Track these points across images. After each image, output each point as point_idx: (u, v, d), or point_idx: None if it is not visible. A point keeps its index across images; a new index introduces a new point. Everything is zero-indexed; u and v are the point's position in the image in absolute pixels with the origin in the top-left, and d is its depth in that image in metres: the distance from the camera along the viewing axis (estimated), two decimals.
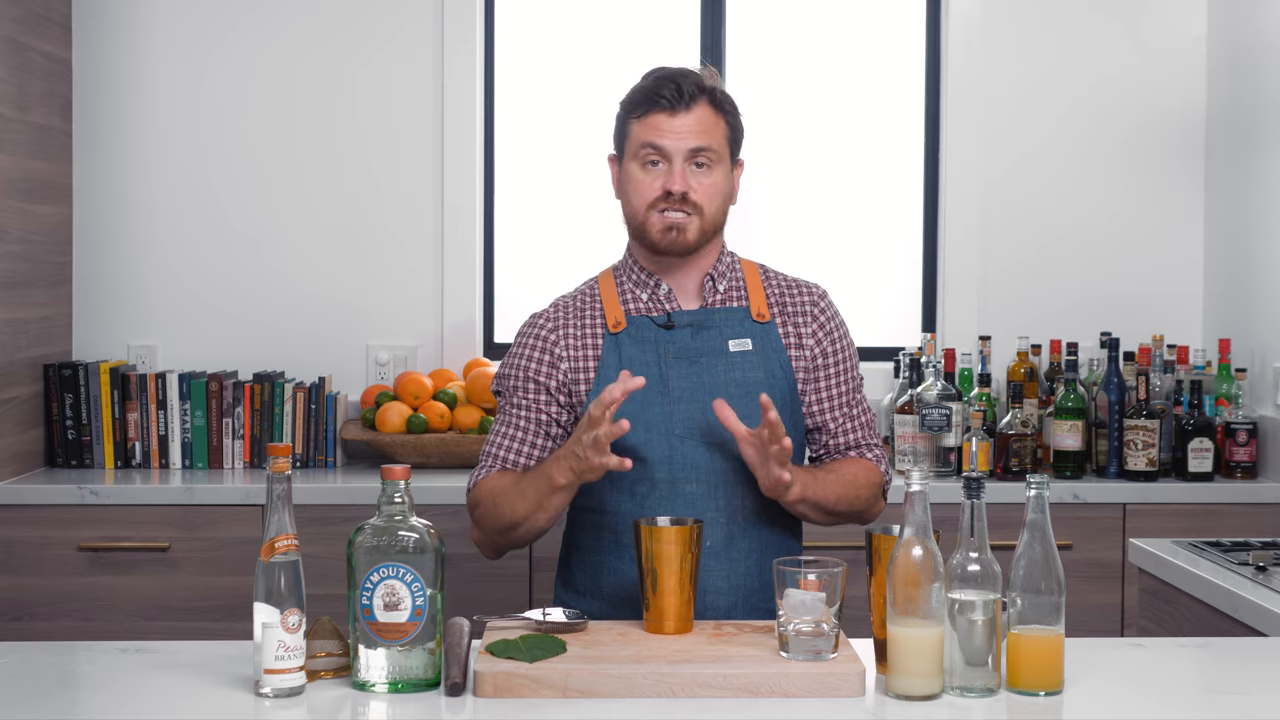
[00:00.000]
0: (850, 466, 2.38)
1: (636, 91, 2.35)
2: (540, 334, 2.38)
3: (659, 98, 2.30)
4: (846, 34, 4.14)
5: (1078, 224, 4.05)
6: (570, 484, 2.21)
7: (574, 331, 2.37)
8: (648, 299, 2.38)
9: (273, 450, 1.81)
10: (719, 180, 2.33)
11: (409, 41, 3.96)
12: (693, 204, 2.30)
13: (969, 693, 1.80)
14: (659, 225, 2.31)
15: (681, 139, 2.29)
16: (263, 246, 3.95)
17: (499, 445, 2.37)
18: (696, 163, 2.31)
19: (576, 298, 2.42)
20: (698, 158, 2.30)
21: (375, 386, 3.83)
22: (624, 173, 2.36)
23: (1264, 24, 3.73)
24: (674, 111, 2.30)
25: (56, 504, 3.41)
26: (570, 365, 2.35)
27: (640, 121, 2.32)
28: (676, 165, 2.29)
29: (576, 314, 2.39)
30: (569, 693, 1.80)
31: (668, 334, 2.34)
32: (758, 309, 2.38)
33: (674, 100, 2.29)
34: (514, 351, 2.40)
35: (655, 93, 2.31)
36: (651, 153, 2.30)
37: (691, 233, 2.31)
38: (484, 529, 2.34)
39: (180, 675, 1.89)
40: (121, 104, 3.91)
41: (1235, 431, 3.64)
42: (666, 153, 2.30)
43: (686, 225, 2.30)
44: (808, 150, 4.11)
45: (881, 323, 4.12)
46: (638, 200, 2.32)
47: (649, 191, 2.31)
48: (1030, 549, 1.82)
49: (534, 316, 2.42)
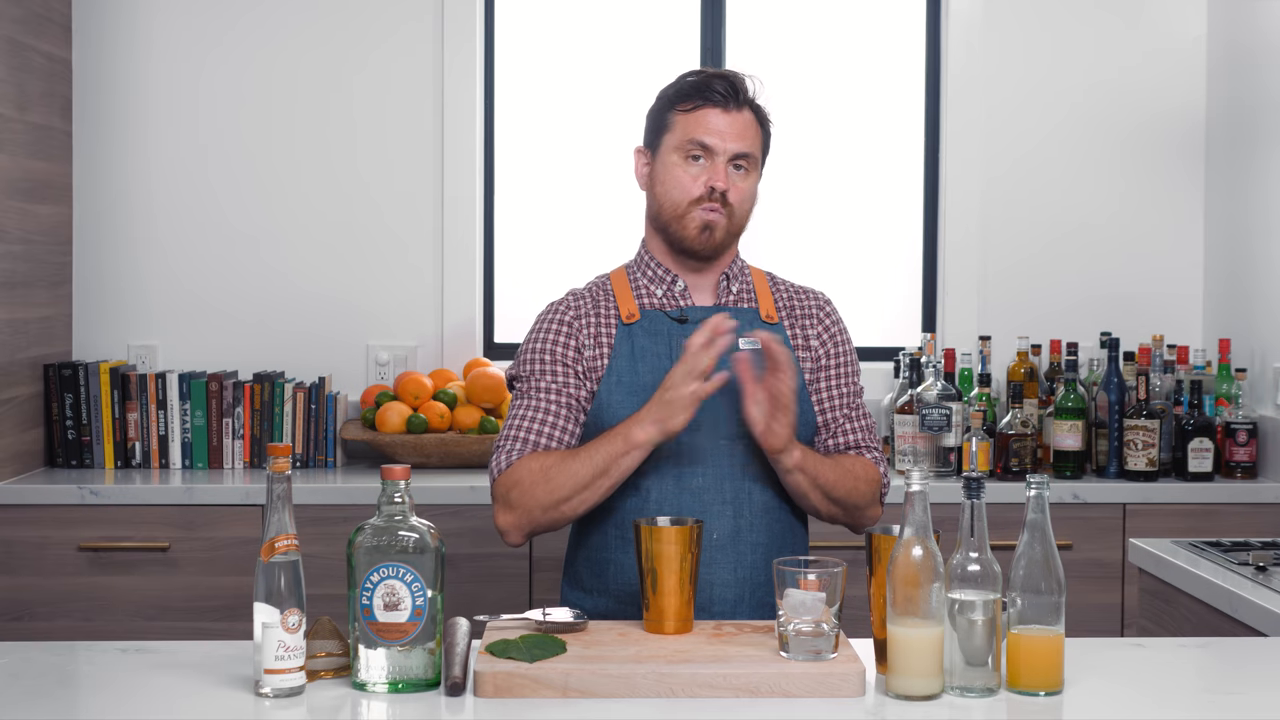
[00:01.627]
0: (849, 460, 2.39)
1: (685, 85, 2.35)
2: (564, 318, 2.37)
3: (712, 93, 2.31)
4: (846, 34, 4.14)
5: (1078, 224, 4.05)
6: (649, 441, 2.19)
7: (591, 320, 2.37)
8: (662, 294, 2.39)
9: (273, 450, 1.81)
10: (752, 186, 2.36)
11: (408, 40, 3.96)
12: (729, 204, 2.32)
13: (969, 693, 1.80)
14: (698, 221, 2.31)
15: (729, 139, 2.31)
16: (263, 246, 3.95)
17: (525, 428, 2.31)
18: (736, 165, 2.32)
19: (590, 290, 2.42)
20: (739, 161, 2.32)
21: (375, 386, 3.83)
22: (661, 164, 2.35)
23: (1264, 24, 3.73)
24: (726, 109, 2.31)
25: (56, 504, 3.41)
26: (589, 352, 2.35)
27: (688, 115, 2.32)
28: (720, 163, 2.31)
29: (591, 304, 2.39)
30: (569, 693, 1.80)
31: (680, 328, 2.35)
32: (766, 311, 2.40)
33: (727, 97, 2.31)
34: (535, 336, 2.38)
35: (708, 87, 2.32)
36: (696, 148, 2.31)
37: (720, 232, 2.33)
38: (524, 507, 2.26)
39: (180, 675, 1.88)
40: (121, 104, 3.91)
41: (1235, 431, 3.64)
42: (713, 150, 2.31)
43: (718, 224, 2.32)
44: (808, 150, 4.10)
45: (881, 323, 4.12)
46: (679, 193, 2.33)
47: (693, 187, 2.32)
48: (1030, 549, 1.82)
49: (553, 304, 2.42)
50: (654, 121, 2.38)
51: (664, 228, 2.36)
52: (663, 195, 2.35)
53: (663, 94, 2.39)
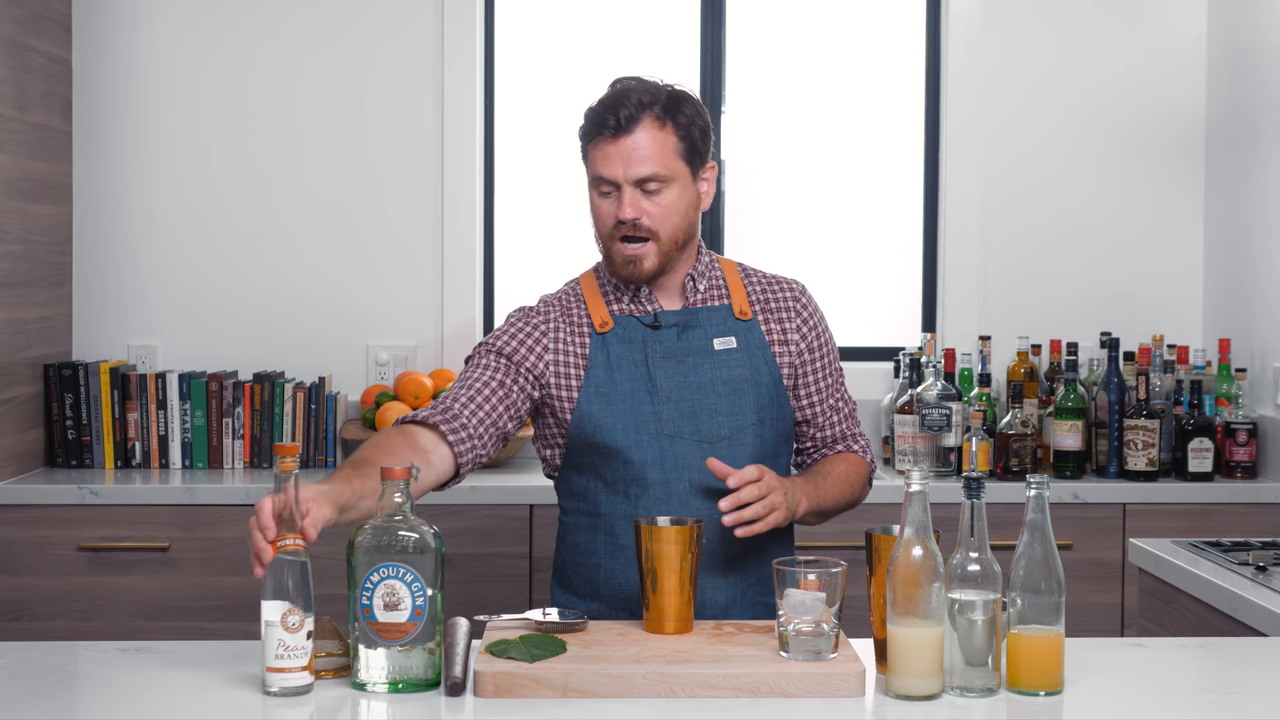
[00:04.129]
0: (841, 465, 2.40)
1: (586, 116, 2.34)
2: (532, 322, 2.37)
3: (604, 126, 2.29)
4: (846, 33, 4.14)
5: (1078, 223, 4.05)
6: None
7: (564, 329, 2.37)
8: (629, 300, 2.38)
9: (280, 450, 1.82)
10: (673, 200, 2.31)
11: (409, 40, 3.96)
12: (647, 229, 2.30)
13: (969, 693, 1.80)
14: (619, 256, 2.32)
15: (625, 167, 2.28)
16: (263, 246, 3.95)
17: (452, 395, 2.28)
18: (645, 190, 2.30)
19: (562, 298, 2.42)
20: (646, 184, 2.29)
21: (375, 386, 3.83)
22: (589, 198, 2.37)
23: (1264, 24, 3.73)
24: (615, 138, 2.28)
25: (56, 504, 3.41)
26: (558, 362, 2.34)
27: (592, 149, 2.32)
28: (626, 194, 2.29)
29: (564, 312, 2.39)
30: (569, 693, 1.80)
31: (654, 334, 2.35)
32: (739, 307, 2.39)
33: (615, 128, 2.28)
34: (501, 330, 2.38)
35: (599, 119, 2.30)
36: (603, 183, 2.31)
37: (649, 261, 2.31)
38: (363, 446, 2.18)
39: (180, 675, 1.89)
40: (121, 104, 3.91)
41: (1235, 431, 3.64)
42: (614, 182, 2.30)
43: (643, 255, 2.31)
44: (808, 150, 4.11)
45: (881, 323, 4.12)
46: (600, 228, 2.35)
47: (606, 221, 2.32)
48: (1030, 549, 1.82)
49: (525, 308, 2.42)
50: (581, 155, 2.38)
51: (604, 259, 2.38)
52: (594, 228, 2.37)
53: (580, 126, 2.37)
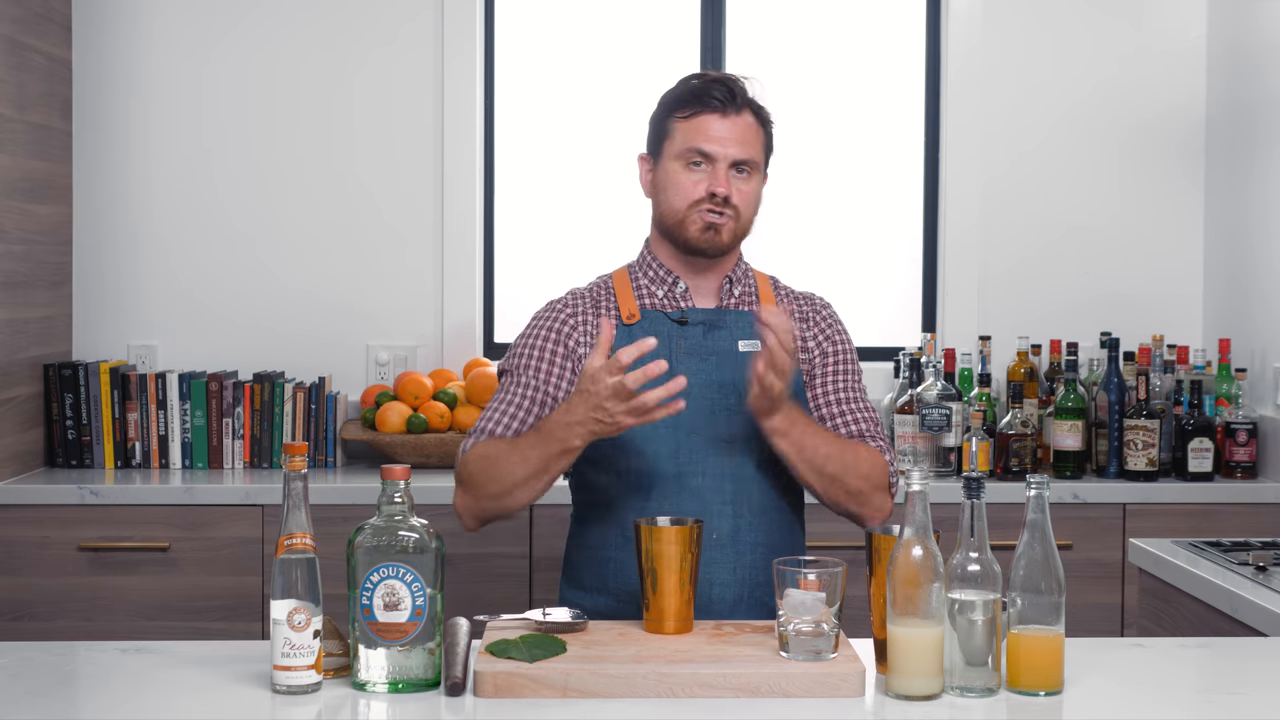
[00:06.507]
0: (851, 441, 2.35)
1: (683, 91, 2.35)
2: (560, 317, 2.39)
3: (710, 99, 2.31)
4: (846, 34, 4.14)
5: (1078, 223, 4.05)
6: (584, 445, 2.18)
7: (591, 320, 2.38)
8: (663, 295, 2.39)
9: (289, 449, 1.83)
10: (755, 189, 2.36)
11: (409, 40, 3.96)
12: (733, 207, 2.32)
13: (969, 693, 1.80)
14: (699, 222, 2.32)
15: (728, 146, 2.31)
16: (263, 246, 3.95)
17: (495, 419, 2.32)
18: (737, 169, 2.33)
19: (592, 290, 2.43)
20: (740, 166, 2.32)
21: (375, 386, 3.83)
22: (662, 171, 2.35)
23: (1264, 24, 3.73)
24: (724, 114, 2.31)
25: (56, 504, 3.41)
26: (583, 357, 2.35)
27: (687, 122, 2.32)
28: (721, 169, 2.31)
29: (592, 304, 2.40)
30: (569, 693, 1.80)
31: (680, 330, 2.36)
32: None
33: (725, 103, 2.31)
34: (530, 332, 2.40)
35: (705, 93, 2.32)
36: (696, 155, 2.31)
37: (726, 234, 2.33)
38: (475, 494, 2.28)
39: (180, 675, 1.89)
40: (121, 104, 3.91)
41: (1235, 431, 3.64)
42: (712, 157, 2.31)
43: (724, 226, 2.32)
44: (808, 150, 4.10)
45: (881, 323, 4.12)
46: (679, 200, 2.33)
47: (692, 192, 2.32)
48: (1030, 549, 1.82)
49: (552, 303, 2.43)
50: (655, 128, 2.39)
51: (669, 232, 2.37)
52: (665, 202, 2.35)
53: (663, 100, 2.39)
